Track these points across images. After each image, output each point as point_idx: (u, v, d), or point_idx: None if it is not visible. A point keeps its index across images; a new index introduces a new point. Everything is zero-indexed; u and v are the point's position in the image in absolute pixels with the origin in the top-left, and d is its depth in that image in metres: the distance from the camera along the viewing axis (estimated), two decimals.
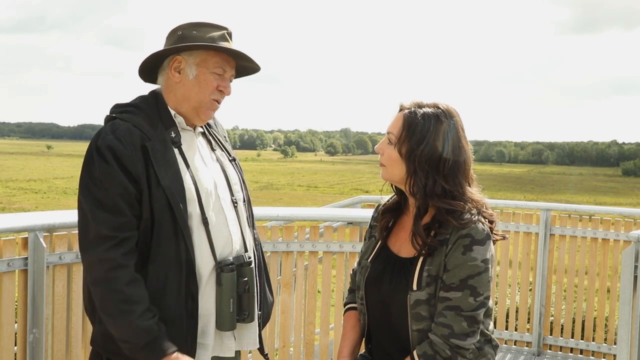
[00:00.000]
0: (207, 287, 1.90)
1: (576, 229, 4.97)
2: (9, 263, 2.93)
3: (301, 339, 3.77)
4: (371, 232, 2.19)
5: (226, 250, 1.94)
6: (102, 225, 1.81)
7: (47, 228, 3.00)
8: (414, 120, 1.95)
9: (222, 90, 1.96)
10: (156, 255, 1.84)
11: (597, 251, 4.93)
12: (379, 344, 2.08)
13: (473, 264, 1.89)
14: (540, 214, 5.04)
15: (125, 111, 1.93)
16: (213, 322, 1.91)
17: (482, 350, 2.00)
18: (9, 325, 2.96)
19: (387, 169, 2.02)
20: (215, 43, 1.92)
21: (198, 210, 1.89)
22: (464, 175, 1.98)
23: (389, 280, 2.01)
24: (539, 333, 5.01)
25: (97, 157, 1.84)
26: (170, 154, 1.90)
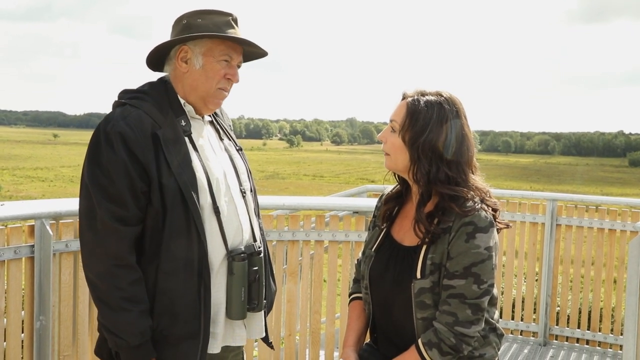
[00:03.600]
0: (218, 276, 1.90)
1: (583, 220, 4.95)
2: (16, 250, 2.94)
3: (307, 328, 3.77)
4: (375, 222, 2.19)
5: (237, 239, 1.94)
6: (108, 216, 1.80)
7: (54, 216, 3.00)
8: (417, 108, 1.95)
9: (230, 78, 1.95)
10: (168, 245, 1.83)
11: (604, 242, 4.91)
12: (384, 332, 2.09)
13: (476, 252, 1.88)
14: (546, 204, 5.02)
15: (135, 97, 1.91)
16: (223, 311, 1.91)
17: (487, 339, 2.00)
18: (16, 312, 2.98)
19: (390, 157, 2.02)
20: (220, 30, 1.90)
21: (209, 199, 1.88)
22: (467, 163, 1.97)
23: (392, 269, 2.01)
24: (545, 323, 5.01)
25: (105, 143, 1.82)
26: (181, 142, 1.88)
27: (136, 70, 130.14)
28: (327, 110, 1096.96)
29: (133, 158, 1.80)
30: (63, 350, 3.11)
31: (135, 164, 1.80)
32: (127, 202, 1.80)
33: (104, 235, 1.80)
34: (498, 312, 2.09)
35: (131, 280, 1.80)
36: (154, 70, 2.03)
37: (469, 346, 1.93)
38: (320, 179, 74.83)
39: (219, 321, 1.91)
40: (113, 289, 1.79)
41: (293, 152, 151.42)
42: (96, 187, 1.82)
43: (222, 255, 1.90)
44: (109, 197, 1.80)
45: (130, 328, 1.79)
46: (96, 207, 1.81)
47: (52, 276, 3.01)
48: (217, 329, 1.91)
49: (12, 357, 2.97)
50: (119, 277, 1.79)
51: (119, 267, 1.80)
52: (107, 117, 1.88)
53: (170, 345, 1.84)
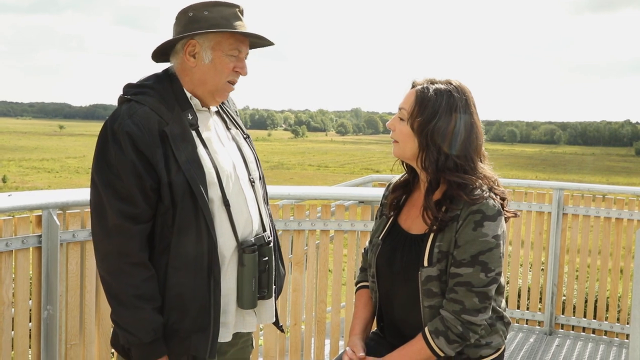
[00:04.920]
0: (229, 268, 1.90)
1: (589, 209, 4.94)
2: (23, 240, 2.95)
3: (313, 317, 3.78)
4: (382, 211, 2.19)
5: (247, 230, 1.94)
6: (118, 214, 1.79)
7: (61, 206, 3.01)
8: (426, 96, 1.94)
9: (239, 71, 1.93)
10: (179, 239, 1.83)
11: (611, 231, 4.89)
12: (391, 321, 2.09)
13: (484, 240, 1.88)
14: (552, 194, 5.00)
15: (140, 92, 1.89)
16: (234, 301, 1.91)
17: (493, 327, 2.01)
18: (23, 301, 2.99)
19: (399, 145, 2.01)
20: (229, 24, 1.88)
21: (219, 193, 1.88)
22: (476, 151, 1.97)
23: (400, 257, 2.01)
24: (550, 312, 5.00)
25: (113, 142, 1.80)
26: (188, 137, 1.87)
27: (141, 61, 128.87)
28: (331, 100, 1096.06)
29: (141, 157, 1.80)
30: (70, 339, 3.12)
31: (143, 162, 1.80)
32: (137, 200, 1.80)
33: (116, 233, 1.80)
34: (504, 301, 2.09)
35: (144, 277, 1.80)
36: (158, 62, 2.01)
37: (475, 334, 1.93)
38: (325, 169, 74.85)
39: (229, 311, 1.92)
40: (126, 287, 1.80)
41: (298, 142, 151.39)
42: (105, 186, 1.81)
43: (233, 248, 1.90)
44: (118, 196, 1.80)
45: (143, 325, 1.80)
46: (106, 206, 1.81)
47: (60, 266, 3.02)
48: (228, 318, 1.92)
49: (20, 345, 2.99)
50: (131, 275, 1.80)
51: (131, 265, 1.80)
52: (113, 114, 1.86)
53: (180, 339, 1.84)
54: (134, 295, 1.79)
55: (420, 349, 1.94)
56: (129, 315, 1.81)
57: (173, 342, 1.84)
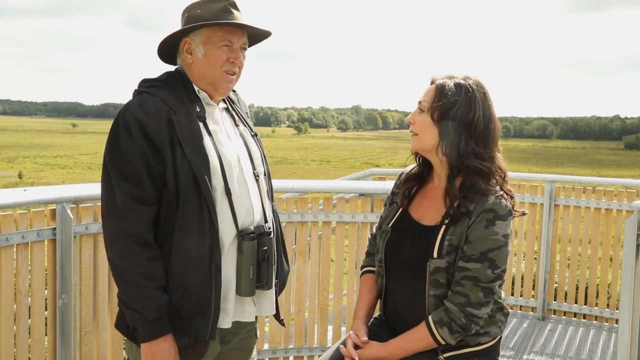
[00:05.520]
0: (229, 254, 1.90)
1: (580, 200, 4.94)
2: (39, 233, 2.96)
3: (316, 305, 3.78)
4: (392, 199, 2.16)
5: (247, 220, 1.93)
6: (126, 196, 1.80)
7: (74, 200, 3.02)
8: (445, 88, 1.94)
9: (233, 60, 1.92)
10: (182, 224, 1.84)
11: (600, 221, 4.90)
12: (395, 306, 2.08)
13: (494, 238, 1.88)
14: (545, 186, 5.00)
15: (153, 86, 1.91)
16: (233, 289, 1.91)
17: (493, 318, 2.00)
18: (39, 291, 3.00)
19: (418, 137, 1.99)
20: (217, 18, 1.88)
21: (221, 181, 1.88)
22: (494, 141, 1.96)
23: (409, 246, 2.00)
24: (543, 299, 5.01)
25: (124, 129, 1.83)
26: (195, 127, 1.88)
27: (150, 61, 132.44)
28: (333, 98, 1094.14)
29: (149, 142, 1.81)
30: (84, 326, 3.13)
31: (151, 147, 1.81)
32: (144, 183, 1.81)
33: (123, 214, 1.81)
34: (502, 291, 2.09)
35: (149, 257, 1.80)
36: (168, 64, 2.03)
37: (477, 326, 1.93)
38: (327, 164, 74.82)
39: (229, 298, 1.91)
40: (131, 265, 1.80)
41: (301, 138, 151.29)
42: (115, 170, 1.83)
43: (233, 235, 1.90)
44: (127, 179, 1.81)
45: (148, 303, 1.80)
46: (116, 189, 1.82)
47: (73, 257, 3.03)
48: (227, 305, 1.91)
49: (36, 333, 3.00)
50: (137, 253, 1.80)
51: (137, 244, 1.80)
52: (126, 104, 1.89)
53: (182, 320, 1.84)
54: (139, 273, 1.79)
55: (424, 337, 1.94)
56: (134, 292, 1.80)
57: (175, 323, 1.84)
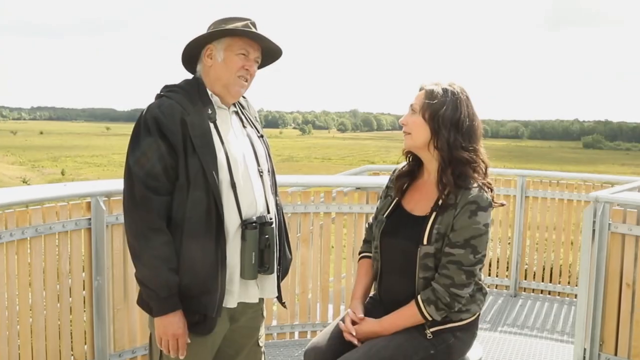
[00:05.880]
0: (233, 241, 1.88)
1: (547, 192, 4.94)
2: (76, 223, 2.97)
3: (318, 286, 3.78)
4: (387, 192, 2.15)
5: (250, 211, 1.91)
6: (143, 187, 1.80)
7: (106, 194, 3.02)
8: (434, 92, 1.95)
9: (248, 68, 1.93)
10: (192, 213, 1.82)
11: (564, 210, 4.90)
12: (389, 287, 2.07)
13: (477, 227, 1.87)
14: (517, 180, 5.01)
15: (172, 90, 1.91)
16: (238, 273, 1.89)
17: (474, 297, 2.00)
18: (78, 273, 3.01)
19: (412, 136, 1.98)
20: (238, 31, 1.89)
21: (228, 176, 1.87)
22: (477, 138, 1.97)
23: (402, 234, 1.99)
24: (515, 278, 5.01)
25: (144, 128, 1.83)
26: (206, 127, 1.87)
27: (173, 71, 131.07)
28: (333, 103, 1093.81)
29: (164, 139, 1.81)
30: (116, 304, 3.13)
31: (166, 144, 1.81)
32: (159, 175, 1.80)
33: (140, 202, 1.80)
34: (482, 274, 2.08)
35: (162, 241, 1.80)
36: (188, 71, 2.02)
37: (459, 304, 1.93)
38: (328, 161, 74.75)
39: (234, 280, 1.89)
40: (147, 249, 1.79)
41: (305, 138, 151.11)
42: (135, 163, 1.82)
43: (237, 224, 1.88)
44: (144, 171, 1.81)
45: (160, 282, 1.79)
46: (134, 180, 1.82)
47: (106, 244, 3.03)
48: (233, 287, 1.89)
49: (76, 309, 3.01)
50: (152, 239, 1.79)
51: (152, 230, 1.79)
52: (148, 106, 1.89)
53: (192, 299, 1.83)
54: (153, 256, 1.78)
55: (413, 314, 1.94)
56: (148, 273, 1.80)
57: (186, 301, 1.83)
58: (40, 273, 2.84)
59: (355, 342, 1.97)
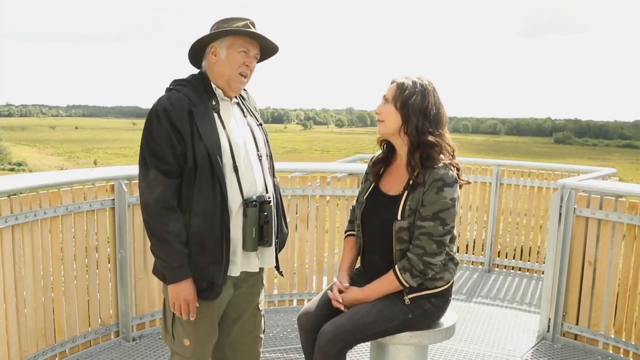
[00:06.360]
0: (236, 218, 1.87)
1: (519, 180, 4.92)
2: (102, 203, 2.98)
3: (314, 260, 3.79)
4: (366, 177, 2.15)
5: (251, 191, 1.90)
6: (155, 170, 1.79)
7: (128, 177, 3.03)
8: (404, 84, 1.94)
9: (248, 64, 1.91)
10: (199, 193, 1.82)
11: (534, 197, 4.88)
12: (371, 260, 2.07)
13: (444, 201, 1.86)
14: (493, 169, 4.98)
15: (180, 84, 1.90)
16: (240, 245, 1.89)
17: (446, 266, 1.99)
18: (103, 247, 3.02)
19: (385, 123, 1.98)
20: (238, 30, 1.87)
21: (230, 160, 1.85)
22: (443, 124, 1.96)
23: (380, 212, 1.99)
24: (489, 256, 5.00)
25: (155, 118, 1.81)
26: (210, 117, 1.86)
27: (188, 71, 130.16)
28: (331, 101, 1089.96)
29: (173, 128, 1.79)
30: (138, 274, 3.15)
31: (175, 132, 1.79)
32: (169, 160, 1.79)
33: (153, 184, 1.79)
34: (456, 247, 2.07)
35: (173, 218, 1.79)
36: (195, 66, 2.01)
37: (432, 271, 1.92)
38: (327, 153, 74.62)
39: (237, 252, 1.89)
40: (160, 225, 1.79)
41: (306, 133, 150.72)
42: (148, 149, 1.82)
43: (239, 203, 1.87)
44: (156, 156, 1.80)
45: (172, 253, 1.79)
46: (148, 164, 1.81)
47: (128, 221, 3.04)
48: (236, 258, 1.89)
49: (102, 278, 3.02)
50: (164, 216, 1.79)
51: (163, 208, 1.79)
52: (158, 99, 1.87)
53: (200, 269, 1.83)
54: (165, 231, 1.78)
55: (392, 281, 1.94)
56: (161, 246, 1.80)
57: (195, 271, 1.83)
58: (71, 247, 2.85)
59: (342, 308, 1.98)
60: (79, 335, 2.94)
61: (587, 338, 3.31)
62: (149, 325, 3.25)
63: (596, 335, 3.27)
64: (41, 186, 2.70)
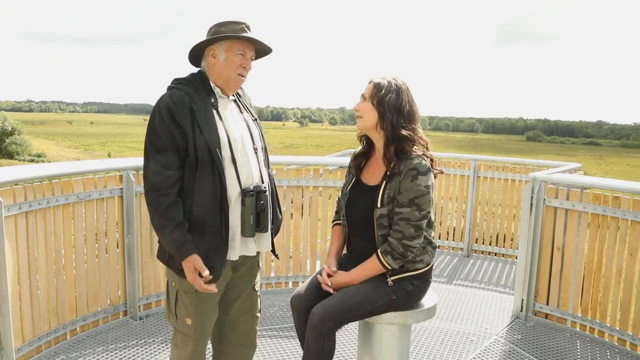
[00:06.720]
0: (234, 206, 1.84)
1: (494, 173, 4.92)
2: (111, 191, 2.93)
3: (307, 246, 3.76)
4: (349, 171, 2.14)
5: (248, 181, 1.87)
6: (157, 163, 1.76)
7: (135, 168, 2.98)
8: (381, 83, 1.94)
9: (245, 66, 1.88)
10: (200, 184, 1.79)
11: (508, 189, 4.88)
12: (356, 246, 2.05)
13: (418, 188, 1.84)
14: (470, 163, 4.97)
15: (180, 83, 1.86)
16: (239, 232, 1.86)
17: (425, 249, 1.97)
18: (113, 233, 2.98)
19: (363, 119, 1.97)
20: (237, 34, 1.84)
21: (229, 153, 1.82)
22: (416, 120, 1.94)
23: (362, 202, 1.97)
24: (468, 242, 5.00)
25: (158, 114, 1.77)
26: (210, 113, 1.82)
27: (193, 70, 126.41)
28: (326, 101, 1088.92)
29: (175, 124, 1.76)
30: (144, 257, 3.11)
31: (177, 127, 1.75)
32: (171, 153, 1.76)
33: (154, 176, 1.76)
34: (437, 235, 2.04)
35: (169, 203, 1.75)
36: (194, 66, 1.96)
37: (412, 253, 1.90)
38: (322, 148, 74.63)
39: (236, 238, 1.86)
40: (156, 212, 1.76)
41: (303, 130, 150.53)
42: (150, 144, 1.78)
43: (237, 192, 1.84)
44: (158, 150, 1.76)
45: (168, 238, 1.76)
46: (150, 157, 1.78)
47: (135, 209, 2.99)
48: (235, 243, 1.86)
49: (111, 262, 2.98)
50: (161, 203, 1.75)
51: (163, 195, 1.75)
52: (161, 96, 1.83)
53: (201, 254, 1.79)
54: (161, 216, 1.74)
55: (375, 264, 1.91)
56: (163, 230, 1.76)
57: None
58: (82, 232, 2.81)
59: (330, 291, 1.96)
60: (89, 314, 2.89)
61: (556, 317, 3.32)
62: (155, 305, 3.21)
63: (564, 314, 3.28)
64: (54, 175, 2.65)
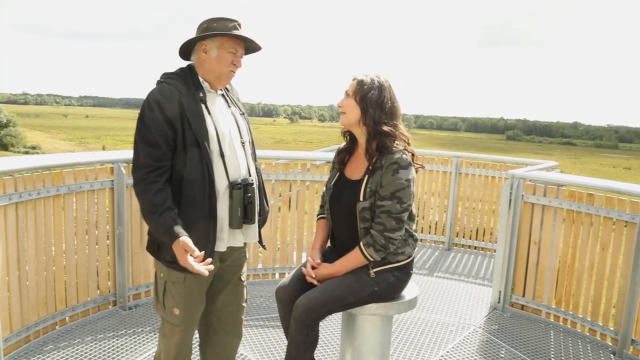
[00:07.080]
0: (222, 199, 1.81)
1: (475, 170, 4.94)
2: (102, 183, 2.87)
3: (294, 238, 3.74)
4: (333, 166, 2.12)
5: (236, 174, 1.84)
6: (146, 155, 1.72)
7: (126, 161, 2.93)
8: (364, 80, 1.91)
9: (235, 63, 1.85)
10: (189, 177, 1.75)
11: (488, 185, 4.91)
12: (339, 239, 2.03)
13: (399, 182, 1.83)
14: (453, 160, 4.99)
15: (170, 77, 1.82)
16: (227, 224, 1.83)
17: (406, 241, 1.95)
18: (103, 224, 2.92)
19: (346, 115, 1.94)
20: (229, 32, 1.80)
21: (217, 146, 1.79)
22: (397, 117, 1.93)
23: (345, 195, 1.95)
24: (449, 236, 5.02)
25: (147, 108, 1.74)
26: (198, 107, 1.79)
27: None
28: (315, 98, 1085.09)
29: (165, 117, 1.72)
30: (134, 248, 3.06)
31: (166, 121, 1.72)
32: (160, 145, 1.72)
33: (142, 167, 1.73)
34: (420, 228, 2.03)
35: (156, 190, 1.71)
36: (184, 60, 1.92)
37: (393, 245, 1.89)
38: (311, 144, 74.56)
39: (224, 230, 1.83)
40: (144, 201, 1.72)
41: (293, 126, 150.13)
42: (140, 136, 1.74)
43: (225, 185, 1.81)
44: (148, 143, 1.73)
45: (155, 223, 1.72)
46: (139, 149, 1.74)
47: (125, 201, 2.94)
48: (223, 235, 1.84)
49: (101, 254, 2.93)
50: (149, 190, 1.72)
51: (149, 183, 1.72)
52: (151, 90, 1.80)
53: None
54: (149, 204, 1.71)
55: (358, 256, 1.90)
56: (151, 217, 1.72)
57: None
58: (73, 223, 2.75)
59: (315, 283, 1.94)
60: (79, 304, 2.84)
61: (532, 308, 3.34)
62: (144, 296, 3.17)
63: (540, 305, 3.30)
64: (45, 167, 2.59)
